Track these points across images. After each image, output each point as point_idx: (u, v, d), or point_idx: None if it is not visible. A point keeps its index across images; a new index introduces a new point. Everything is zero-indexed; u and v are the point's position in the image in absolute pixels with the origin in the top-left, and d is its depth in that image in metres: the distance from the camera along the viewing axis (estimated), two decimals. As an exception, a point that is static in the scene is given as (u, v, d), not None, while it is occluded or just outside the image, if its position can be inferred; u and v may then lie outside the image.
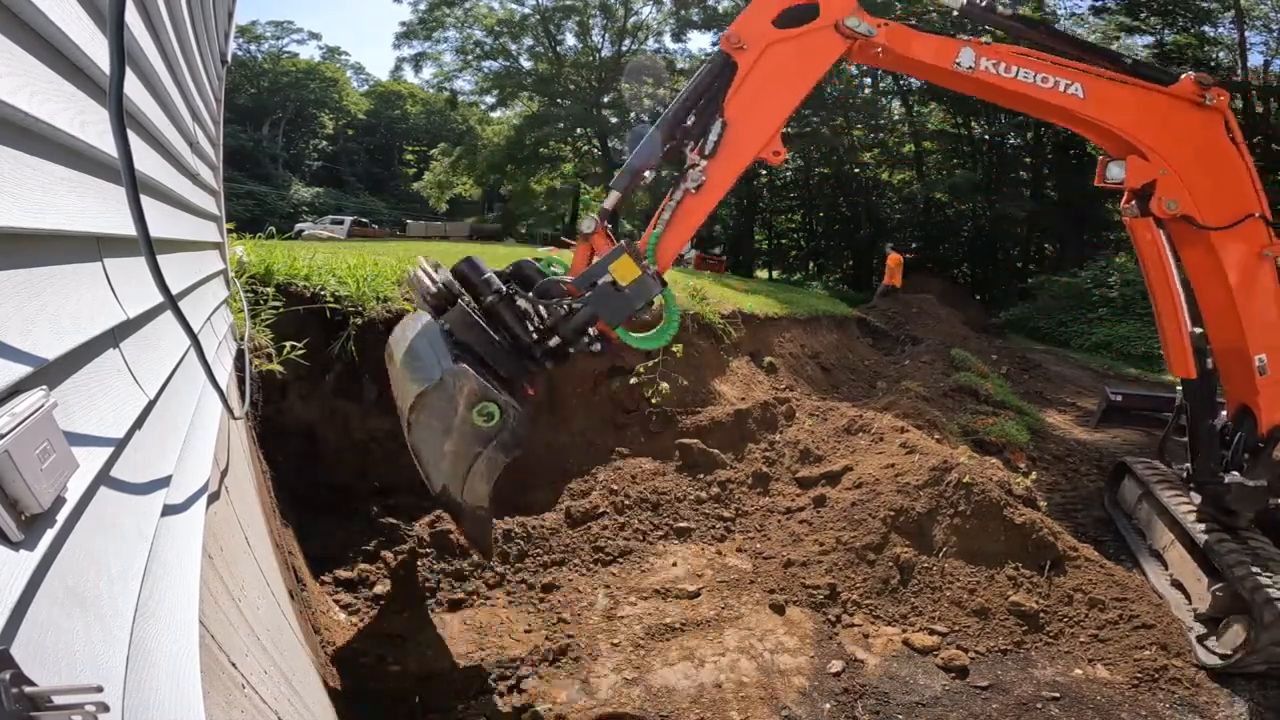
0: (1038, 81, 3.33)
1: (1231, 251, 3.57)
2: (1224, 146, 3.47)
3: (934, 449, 5.11)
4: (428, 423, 2.66)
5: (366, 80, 59.70)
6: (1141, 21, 21.94)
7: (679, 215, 3.15)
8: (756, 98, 3.13)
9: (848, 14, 3.13)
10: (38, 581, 0.78)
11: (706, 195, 3.14)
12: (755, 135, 3.14)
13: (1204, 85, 3.37)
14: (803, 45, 3.14)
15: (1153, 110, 3.43)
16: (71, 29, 1.13)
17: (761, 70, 3.12)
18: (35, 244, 1.02)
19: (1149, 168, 3.47)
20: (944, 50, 3.33)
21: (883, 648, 3.81)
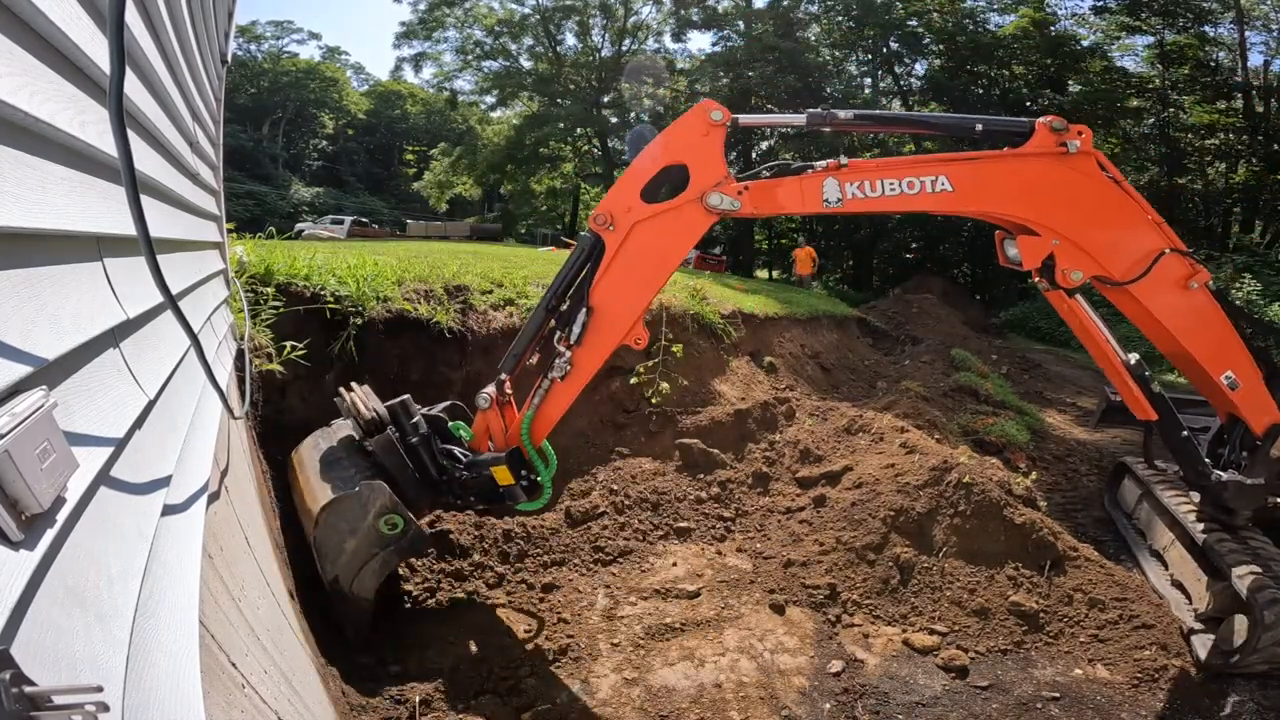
0: (905, 190, 3.17)
1: (1157, 296, 3.39)
2: (1105, 191, 3.25)
3: (934, 449, 5.11)
4: (335, 524, 3.02)
5: (366, 80, 59.78)
6: (1142, 21, 21.96)
7: (549, 399, 3.30)
8: (621, 281, 3.12)
9: (711, 190, 3.05)
10: (38, 581, 0.78)
11: (573, 382, 3.23)
12: (619, 323, 3.17)
13: (1057, 130, 3.13)
14: (669, 221, 3.07)
15: (1020, 180, 3.21)
16: (71, 29, 1.13)
17: (629, 250, 3.08)
18: (35, 244, 1.02)
19: (1041, 243, 3.26)
20: (809, 192, 3.17)
21: (883, 648, 3.81)
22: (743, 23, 29.19)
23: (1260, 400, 3.82)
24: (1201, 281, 3.43)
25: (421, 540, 3.18)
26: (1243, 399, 3.76)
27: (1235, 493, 3.97)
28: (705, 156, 3.09)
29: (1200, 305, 3.49)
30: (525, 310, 5.85)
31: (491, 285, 6.09)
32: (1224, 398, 3.82)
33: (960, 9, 24.37)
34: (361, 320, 4.72)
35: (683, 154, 3.11)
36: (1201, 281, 3.43)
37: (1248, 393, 3.75)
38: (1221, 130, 22.26)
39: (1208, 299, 3.50)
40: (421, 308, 5.17)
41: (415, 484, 3.31)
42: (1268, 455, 3.90)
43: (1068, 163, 3.18)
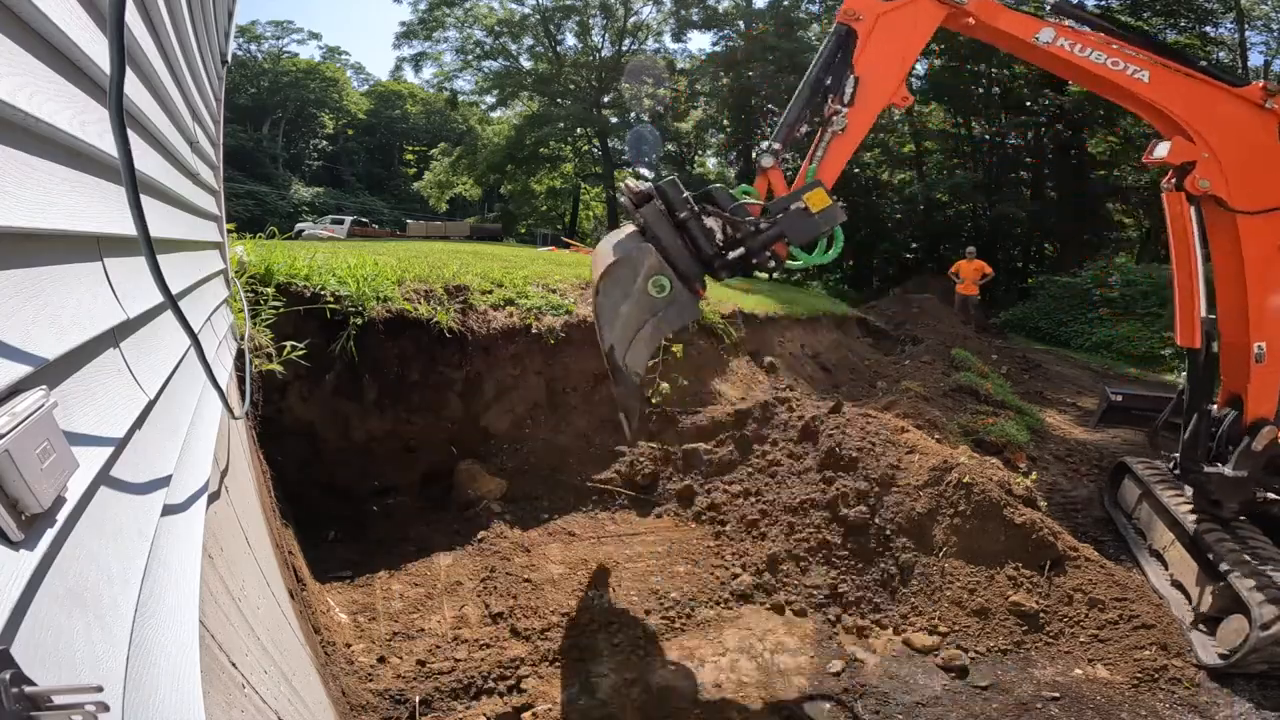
0: (1108, 64, 3.67)
1: (1254, 237, 3.79)
2: (1272, 147, 3.70)
3: (934, 449, 5.11)
4: (610, 290, 3.16)
5: (366, 80, 59.73)
6: (1144, 21, 21.94)
7: (830, 152, 3.60)
8: (878, 58, 3.54)
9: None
10: (38, 581, 0.78)
11: (849, 136, 3.59)
12: (883, 86, 3.57)
13: (1270, 92, 3.66)
14: (907, 14, 3.55)
15: (1209, 102, 3.72)
16: (71, 29, 1.13)
17: (878, 37, 3.53)
18: (35, 244, 1.02)
19: (1192, 149, 3.76)
20: (1027, 25, 3.68)
21: (883, 648, 3.81)
22: (743, 23, 29.18)
23: (1270, 388, 3.96)
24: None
25: (690, 308, 3.24)
26: (1259, 377, 3.93)
27: (1220, 485, 4.12)
28: None
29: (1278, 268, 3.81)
30: (525, 310, 5.85)
31: (491, 285, 6.09)
32: (1240, 370, 3.98)
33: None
34: (361, 320, 4.72)
35: None
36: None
37: (1266, 375, 3.92)
38: (1221, 130, 22.25)
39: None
40: (421, 308, 5.17)
41: (686, 257, 3.30)
42: (1251, 449, 4.01)
43: (1259, 113, 3.68)
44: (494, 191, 43.96)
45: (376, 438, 4.90)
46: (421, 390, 5.13)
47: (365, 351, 4.75)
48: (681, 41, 33.60)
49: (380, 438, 4.92)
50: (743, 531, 4.76)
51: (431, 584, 4.07)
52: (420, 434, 5.09)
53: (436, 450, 5.16)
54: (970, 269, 14.70)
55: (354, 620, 3.64)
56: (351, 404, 4.81)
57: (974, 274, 14.67)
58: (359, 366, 4.76)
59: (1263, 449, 3.99)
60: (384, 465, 4.92)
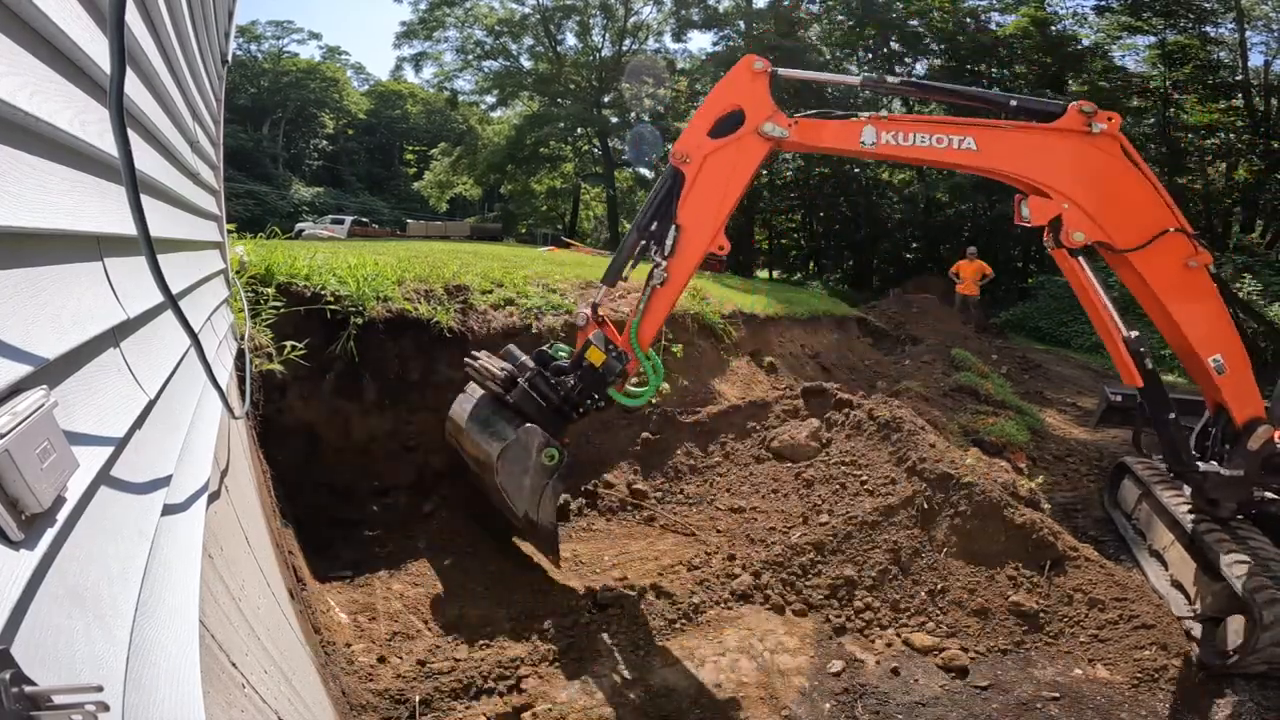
0: (934, 144, 3.61)
1: (1154, 268, 3.66)
2: (1121, 170, 3.56)
3: (941, 449, 5.10)
4: (509, 469, 3.70)
5: (367, 80, 59.69)
6: (1144, 22, 21.95)
7: (651, 305, 3.84)
8: (701, 202, 3.70)
9: (764, 121, 3.60)
10: (38, 581, 0.78)
11: (671, 288, 3.80)
12: (703, 235, 3.72)
13: (1087, 114, 3.48)
14: (733, 151, 3.65)
15: (1042, 150, 3.57)
16: (72, 28, 1.13)
17: (704, 178, 3.67)
18: (35, 243, 1.02)
19: (1051, 205, 3.61)
20: (849, 133, 3.66)
21: (883, 648, 3.81)
22: (743, 22, 29.16)
23: (1246, 390, 3.94)
24: (1202, 262, 3.65)
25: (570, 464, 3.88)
26: (1229, 386, 3.88)
27: (1216, 484, 4.09)
28: (755, 97, 3.63)
29: (1197, 284, 3.70)
30: (525, 310, 5.85)
31: (491, 285, 6.09)
32: (1209, 383, 3.93)
33: (961, 9, 24.33)
34: (362, 320, 4.72)
35: (736, 98, 3.65)
36: (1202, 262, 3.65)
37: (1235, 380, 3.88)
38: (1222, 130, 22.25)
39: (1206, 280, 3.69)
40: (422, 307, 5.17)
41: (550, 417, 3.83)
42: (1246, 448, 3.98)
43: (1090, 140, 3.54)
44: (494, 191, 43.94)
45: (376, 438, 4.90)
46: (421, 390, 5.12)
47: (365, 351, 4.75)
48: (681, 41, 33.62)
49: (380, 438, 4.91)
50: (743, 531, 4.76)
51: (431, 584, 4.07)
52: (420, 434, 5.09)
53: (436, 450, 5.16)
54: (970, 269, 14.67)
55: (354, 620, 3.64)
56: (351, 404, 4.81)
57: (974, 274, 14.62)
58: (359, 366, 4.75)
59: (1259, 448, 3.96)
60: (384, 465, 4.92)
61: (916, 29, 25.24)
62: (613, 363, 3.79)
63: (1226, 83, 22.02)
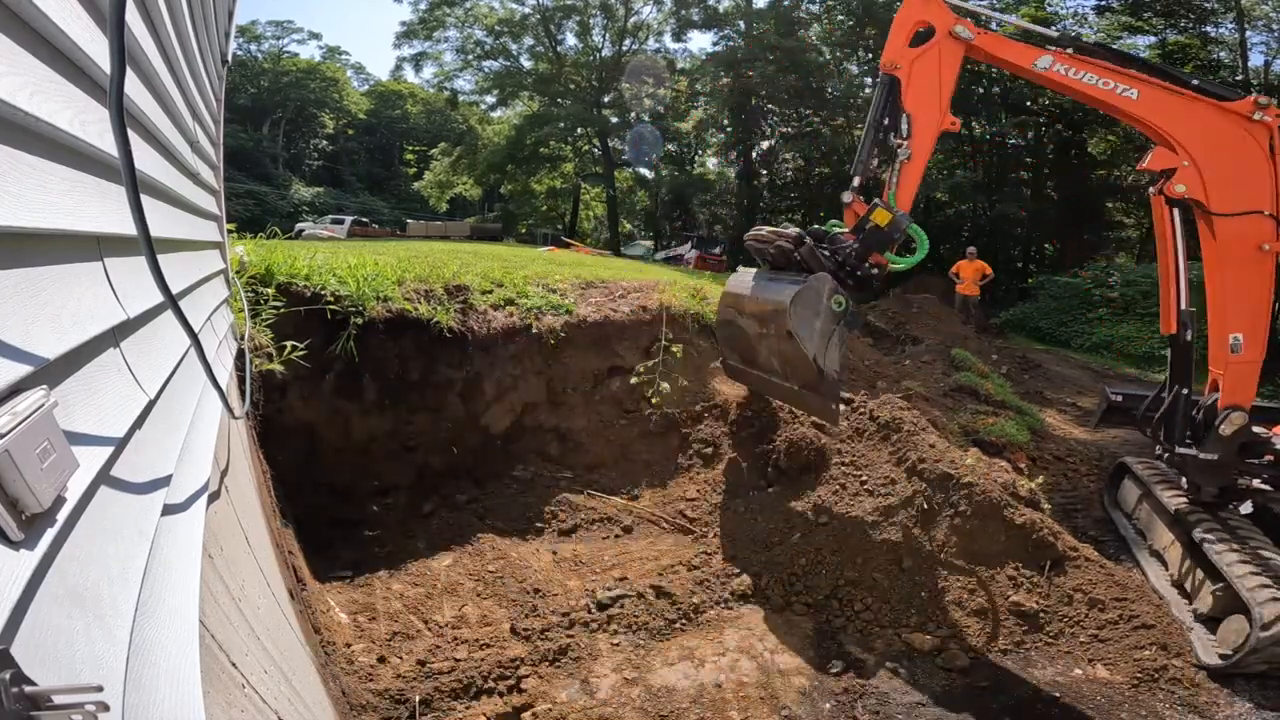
0: (1100, 84, 4.09)
1: (1230, 236, 4.04)
2: (1256, 155, 3.97)
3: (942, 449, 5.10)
4: (802, 313, 4.07)
5: (367, 80, 59.62)
6: (1145, 21, 21.93)
7: (902, 178, 4.32)
8: (923, 93, 4.27)
9: (953, 24, 4.21)
10: (38, 581, 0.78)
11: (915, 163, 4.33)
12: (932, 116, 4.27)
13: (1260, 105, 3.94)
14: (933, 55, 4.26)
15: (1193, 116, 4.03)
16: (72, 28, 1.13)
17: (917, 77, 4.26)
18: (35, 243, 1.02)
19: (1173, 158, 4.09)
20: (1027, 53, 4.24)
21: (883, 648, 3.81)
22: (743, 22, 29.14)
23: (1245, 380, 4.13)
24: (1275, 250, 3.98)
25: (857, 315, 4.23)
26: (1233, 368, 4.12)
27: (1194, 468, 4.34)
28: (935, 12, 4.24)
29: (1260, 265, 4.04)
30: (525, 310, 5.85)
31: (492, 285, 6.09)
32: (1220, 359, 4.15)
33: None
34: (362, 320, 4.72)
35: (920, 16, 4.25)
36: (1275, 250, 3.98)
37: (1242, 365, 4.11)
38: (1222, 130, 22.24)
39: (1269, 266, 4.03)
40: (422, 308, 5.17)
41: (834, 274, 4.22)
42: (1218, 433, 4.18)
43: (1246, 125, 3.97)
44: (494, 191, 43.90)
45: (376, 438, 4.90)
46: (421, 390, 5.13)
47: (365, 351, 4.75)
48: (681, 41, 33.59)
49: (380, 438, 4.92)
50: (744, 532, 4.76)
51: (431, 584, 4.07)
52: (420, 434, 5.09)
53: (437, 450, 5.16)
54: (970, 269, 14.63)
55: (354, 620, 3.64)
56: (351, 404, 4.81)
57: (974, 274, 14.58)
58: (359, 366, 4.76)
59: (1230, 435, 4.17)
60: (384, 465, 4.92)
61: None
62: (900, 219, 4.20)
63: (1227, 83, 22.02)
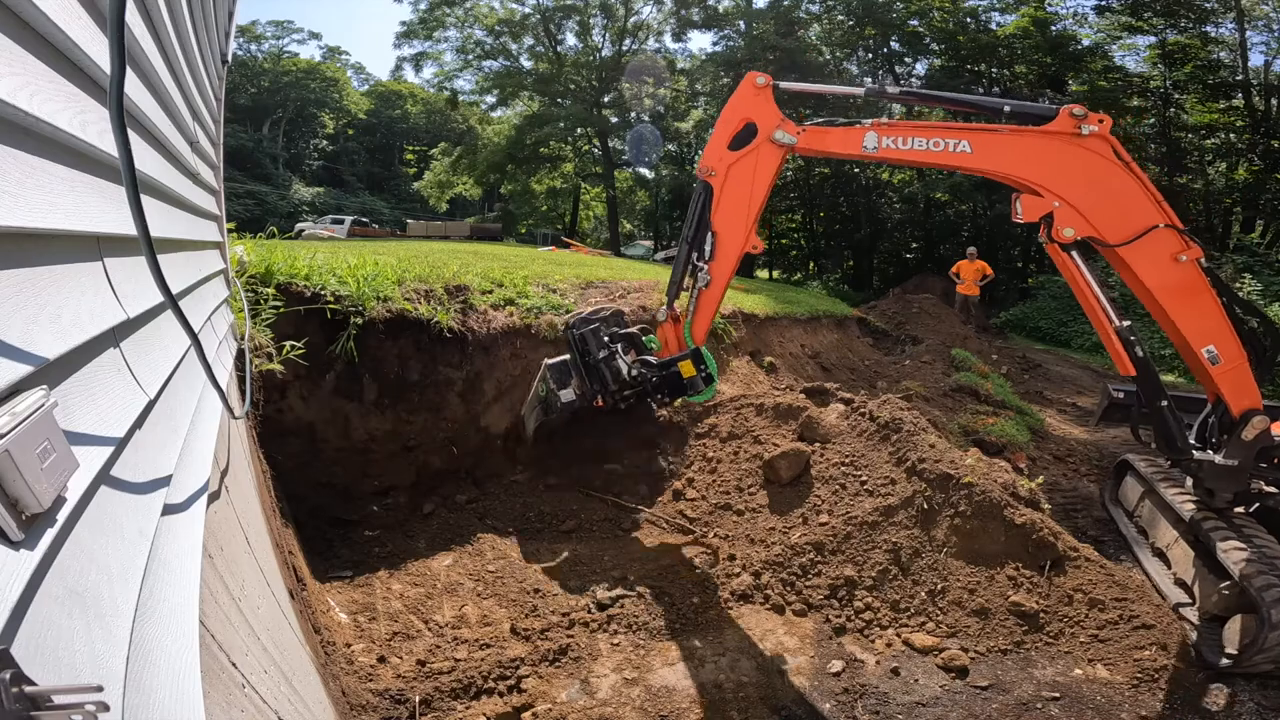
0: (931, 147, 3.85)
1: (1143, 262, 3.79)
2: (1110, 170, 3.71)
3: (944, 449, 5.10)
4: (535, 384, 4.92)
5: (367, 80, 59.64)
6: (1144, 21, 21.92)
7: (700, 305, 4.29)
8: (730, 208, 4.09)
9: (775, 130, 3.95)
10: (38, 581, 0.78)
11: (714, 288, 4.24)
12: (737, 237, 4.12)
13: (1078, 117, 3.66)
14: (751, 160, 4.03)
15: (1033, 152, 3.76)
16: (72, 28, 1.13)
17: (729, 186, 4.06)
18: (35, 243, 1.02)
19: (1043, 203, 3.80)
20: (852, 139, 3.94)
21: (883, 648, 3.81)
22: (743, 23, 29.14)
23: (1242, 382, 4.01)
24: (1192, 257, 3.76)
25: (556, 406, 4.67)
26: (1223, 377, 3.97)
27: (1212, 473, 4.20)
28: (763, 110, 3.98)
29: (1188, 278, 3.80)
30: (525, 310, 5.86)
31: (492, 285, 6.09)
32: (1204, 374, 4.03)
33: (961, 8, 24.32)
34: (362, 320, 4.72)
35: (746, 113, 3.99)
36: (1192, 257, 3.76)
37: (1230, 372, 3.96)
38: (1222, 130, 22.23)
39: (1197, 274, 3.80)
40: (422, 308, 5.17)
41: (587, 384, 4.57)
42: (1240, 438, 4.06)
43: (1081, 142, 3.70)
44: (494, 191, 43.91)
45: (376, 438, 4.90)
46: (421, 390, 5.13)
47: (365, 351, 4.75)
48: (681, 41, 33.58)
49: (380, 438, 4.91)
50: (743, 533, 4.76)
51: (431, 584, 4.07)
52: (420, 434, 5.09)
53: (436, 450, 5.16)
54: (971, 269, 14.62)
55: (354, 620, 3.64)
56: (351, 404, 4.81)
57: (974, 274, 14.57)
58: (359, 366, 4.75)
59: (1253, 438, 4.04)
60: (384, 465, 4.92)
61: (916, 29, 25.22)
62: (698, 382, 4.32)
63: (1226, 83, 22.00)
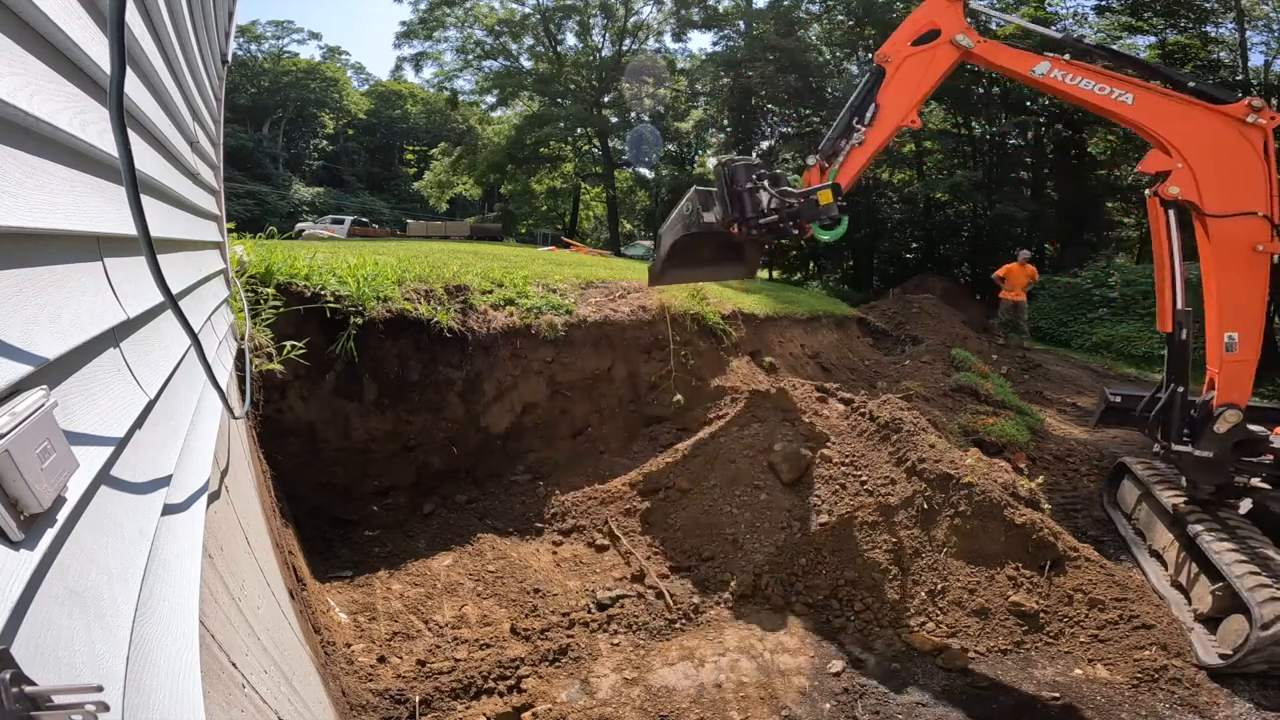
0: (1095, 89, 4.27)
1: (1224, 237, 4.08)
2: (1250, 157, 4.01)
3: (944, 449, 5.10)
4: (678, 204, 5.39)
5: (367, 80, 59.63)
6: (1144, 21, 21.92)
7: (849, 158, 4.80)
8: (899, 90, 4.65)
9: (958, 33, 4.53)
10: (38, 581, 0.78)
11: (865, 148, 4.77)
12: (898, 113, 4.68)
13: (1254, 108, 4.00)
14: (926, 56, 4.58)
15: (1187, 119, 4.13)
16: (72, 28, 1.13)
17: (902, 73, 4.63)
18: (36, 243, 1.02)
19: (1167, 160, 4.20)
20: (1024, 60, 4.48)
21: (883, 648, 3.81)
22: (743, 23, 29.14)
23: (1241, 377, 4.17)
24: (1270, 250, 4.02)
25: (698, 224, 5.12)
26: (1228, 366, 4.16)
27: (1190, 464, 4.38)
28: (950, 17, 4.58)
29: (1255, 266, 4.07)
30: (525, 310, 5.85)
31: (492, 285, 6.09)
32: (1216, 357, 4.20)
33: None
34: (362, 320, 4.72)
35: (933, 18, 4.62)
36: (1270, 250, 4.02)
37: (1236, 364, 4.15)
38: (1222, 130, 22.26)
39: (1263, 267, 4.06)
40: (422, 308, 5.17)
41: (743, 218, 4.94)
42: (1213, 431, 4.21)
43: (1241, 128, 4.03)
44: (494, 191, 43.91)
45: (376, 438, 4.90)
46: (421, 390, 5.13)
47: (365, 351, 4.75)
48: (681, 41, 33.58)
49: (380, 438, 4.91)
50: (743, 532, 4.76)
51: (431, 584, 4.07)
52: (420, 434, 5.09)
53: (436, 450, 5.16)
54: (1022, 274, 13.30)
55: (354, 620, 3.64)
56: (351, 404, 4.81)
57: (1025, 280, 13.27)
58: (359, 366, 4.75)
59: (1225, 431, 4.20)
60: (384, 465, 4.92)
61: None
62: (835, 210, 4.70)
63: (1227, 83, 22.01)
